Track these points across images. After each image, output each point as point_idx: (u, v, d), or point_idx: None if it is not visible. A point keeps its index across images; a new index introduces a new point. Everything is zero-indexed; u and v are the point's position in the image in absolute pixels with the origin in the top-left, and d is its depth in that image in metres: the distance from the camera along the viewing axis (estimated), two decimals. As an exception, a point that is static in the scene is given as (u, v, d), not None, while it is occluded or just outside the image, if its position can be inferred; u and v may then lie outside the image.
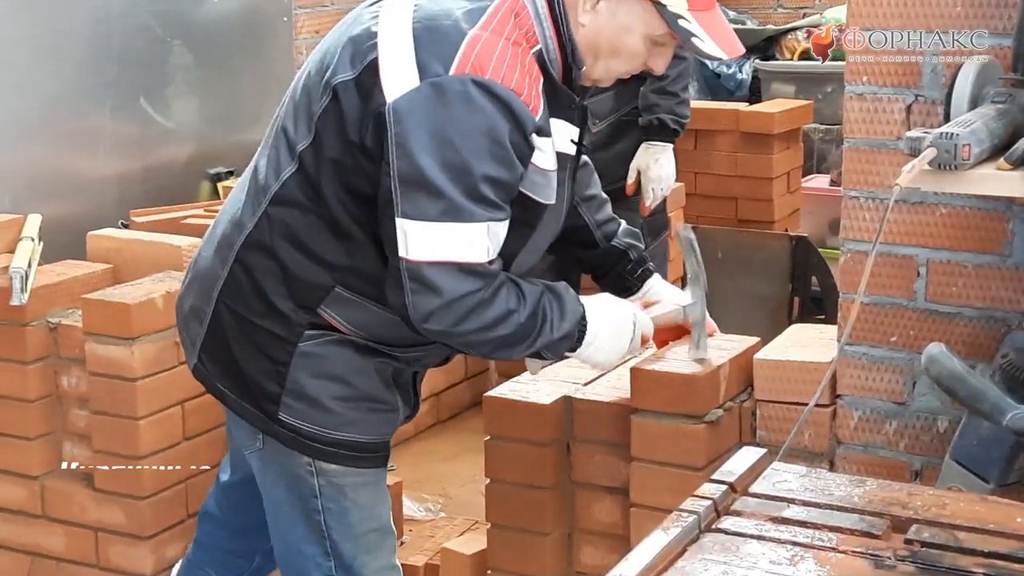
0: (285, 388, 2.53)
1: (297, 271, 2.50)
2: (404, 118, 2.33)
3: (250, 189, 2.58)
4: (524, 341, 2.49)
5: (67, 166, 4.18)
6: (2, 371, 3.63)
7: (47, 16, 4.06)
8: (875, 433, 2.69)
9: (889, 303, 2.64)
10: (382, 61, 2.37)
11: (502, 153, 2.35)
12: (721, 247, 5.30)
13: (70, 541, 3.62)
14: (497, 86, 2.33)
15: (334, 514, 2.61)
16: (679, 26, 2.42)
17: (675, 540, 1.75)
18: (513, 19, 2.40)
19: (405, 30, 2.38)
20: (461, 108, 2.32)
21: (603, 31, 2.45)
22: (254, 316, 2.54)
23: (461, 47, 2.33)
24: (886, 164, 2.58)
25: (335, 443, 2.56)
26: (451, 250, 2.35)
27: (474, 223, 2.35)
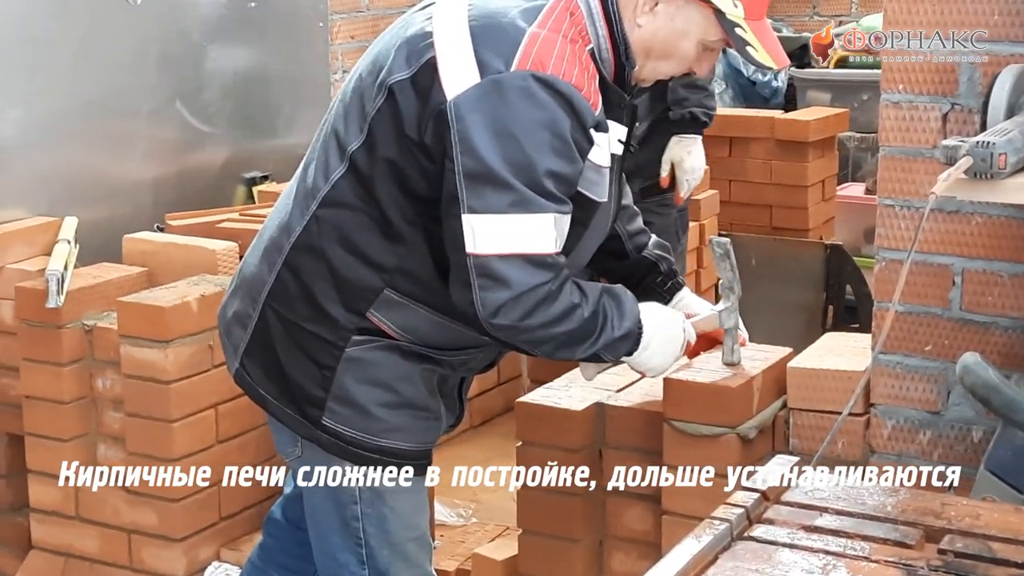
0: (330, 393, 2.54)
1: (347, 273, 2.51)
2: (466, 115, 2.35)
3: (298, 194, 2.59)
4: (587, 339, 2.49)
5: (103, 170, 4.21)
6: (37, 373, 3.65)
7: (85, 21, 4.09)
8: (909, 442, 2.68)
9: (924, 312, 2.63)
10: (440, 59, 2.39)
11: (564, 148, 2.37)
12: (755, 255, 5.29)
13: (103, 542, 3.64)
14: (559, 81, 2.35)
15: (372, 521, 2.61)
16: (736, 34, 2.46)
17: (707, 548, 1.75)
18: (569, 17, 2.42)
19: (462, 28, 2.40)
20: (523, 103, 2.34)
21: (659, 33, 2.48)
22: (301, 320, 2.55)
23: (522, 43, 2.36)
24: (922, 173, 2.57)
25: (376, 449, 2.56)
26: (520, 242, 2.36)
27: (542, 214, 2.37)
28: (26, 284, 3.67)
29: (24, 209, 3.94)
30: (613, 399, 2.92)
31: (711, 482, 2.72)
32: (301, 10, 4.84)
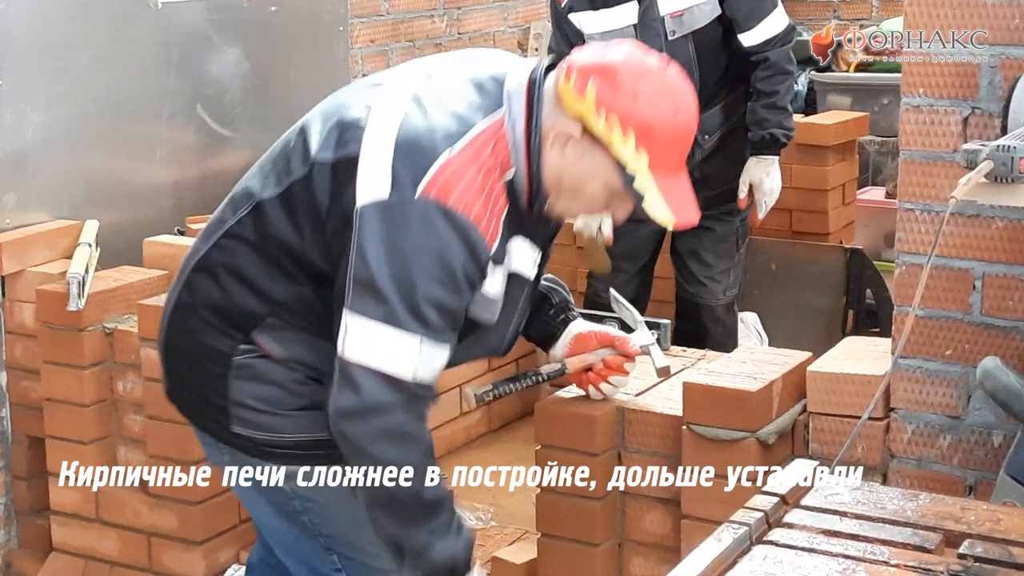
0: (229, 400, 2.62)
1: (235, 299, 2.61)
2: (367, 224, 2.42)
3: (211, 220, 2.70)
4: (403, 519, 2.49)
5: (124, 173, 4.22)
6: (59, 375, 3.67)
7: (106, 25, 4.10)
8: (929, 447, 2.67)
9: (944, 316, 2.62)
10: (362, 161, 2.46)
11: (450, 279, 2.42)
12: (775, 259, 5.28)
13: (123, 545, 3.65)
14: (457, 215, 2.41)
15: (315, 512, 2.68)
16: (633, 188, 2.48)
17: (726, 551, 1.75)
18: (492, 146, 2.48)
19: (390, 136, 2.46)
20: (419, 228, 2.41)
21: (567, 173, 2.52)
22: (195, 333, 2.65)
23: (433, 168, 2.42)
24: (942, 177, 2.57)
25: (287, 445, 2.62)
26: (380, 356, 2.42)
27: (409, 333, 2.41)
28: (47, 287, 3.68)
29: (46, 212, 3.96)
30: (633, 403, 2.92)
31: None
32: (321, 14, 4.85)
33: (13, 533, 4.02)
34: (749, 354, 2.96)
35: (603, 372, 2.89)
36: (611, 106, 2.44)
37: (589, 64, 2.48)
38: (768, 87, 4.30)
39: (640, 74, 2.47)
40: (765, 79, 4.30)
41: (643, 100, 2.45)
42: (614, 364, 2.88)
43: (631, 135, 2.44)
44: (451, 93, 2.53)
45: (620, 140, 2.45)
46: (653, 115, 2.45)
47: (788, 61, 4.34)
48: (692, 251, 4.49)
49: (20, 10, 3.85)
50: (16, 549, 4.01)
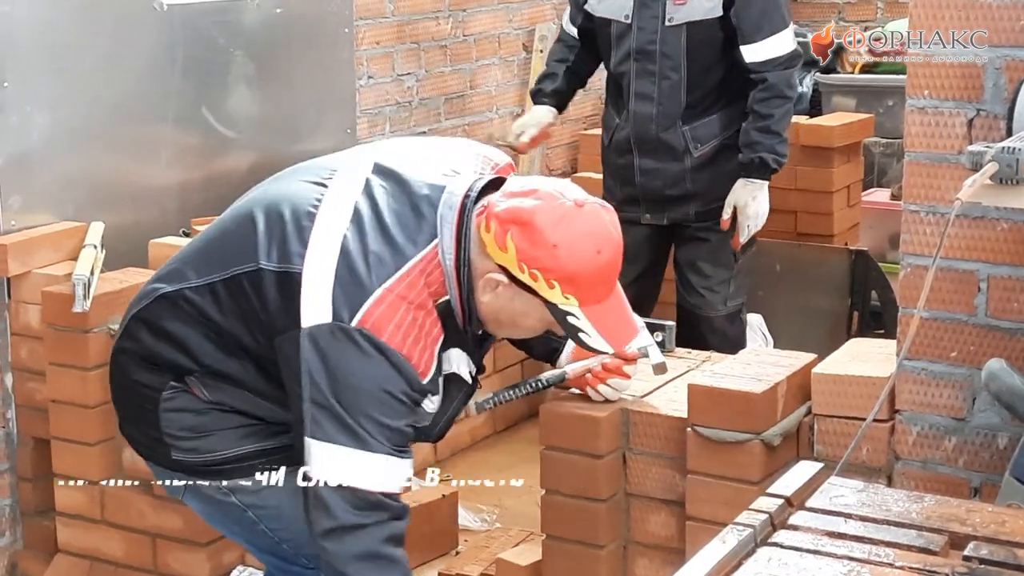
0: (163, 431, 2.73)
1: (167, 353, 2.72)
2: (312, 350, 2.49)
3: (159, 276, 2.79)
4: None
5: (129, 175, 4.22)
6: (64, 377, 3.67)
7: (111, 26, 4.10)
8: (934, 449, 2.67)
9: (949, 318, 2.62)
10: (305, 282, 2.53)
11: (395, 405, 2.51)
12: (780, 261, 5.28)
13: (128, 546, 3.66)
14: (389, 350, 2.48)
15: (270, 517, 2.77)
16: (567, 323, 2.54)
17: (731, 553, 1.75)
18: (423, 279, 2.53)
19: (331, 260, 2.52)
20: (358, 357, 2.48)
21: (503, 311, 2.59)
22: (129, 372, 2.78)
23: (368, 302, 2.48)
24: (947, 178, 2.57)
25: (226, 461, 2.73)
26: (350, 475, 2.49)
27: (373, 454, 2.49)
28: (53, 289, 3.68)
29: (51, 214, 3.96)
30: (638, 405, 2.93)
31: (735, 488, 2.72)
32: (326, 16, 4.85)
33: (18, 534, 4.02)
34: (754, 356, 2.96)
35: (601, 375, 2.91)
36: (532, 261, 2.49)
37: (506, 214, 2.50)
38: (763, 109, 4.23)
39: (556, 222, 2.49)
40: (761, 101, 4.23)
41: (563, 250, 2.48)
42: (613, 367, 2.90)
43: (556, 285, 2.49)
44: (389, 214, 2.57)
45: (547, 289, 2.50)
46: (575, 264, 2.49)
47: (788, 86, 4.26)
48: (690, 262, 4.47)
49: (24, 12, 3.85)
50: (21, 550, 4.01)
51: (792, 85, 4.28)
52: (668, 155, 4.34)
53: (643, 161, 4.37)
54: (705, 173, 4.32)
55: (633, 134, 4.36)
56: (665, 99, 4.30)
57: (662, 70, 4.27)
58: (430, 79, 5.68)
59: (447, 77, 5.76)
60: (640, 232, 4.45)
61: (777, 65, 4.21)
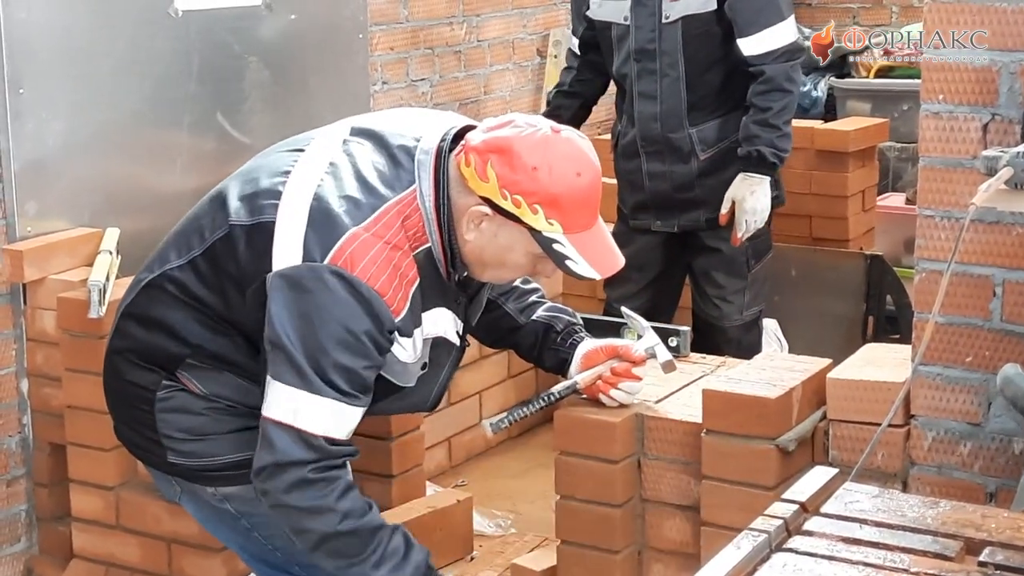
0: (159, 433, 2.74)
1: (157, 342, 2.72)
2: (278, 291, 2.52)
3: (142, 268, 2.82)
4: (344, 556, 2.58)
5: (145, 181, 4.23)
6: (79, 383, 3.68)
7: (127, 33, 4.11)
8: (949, 454, 2.67)
9: (964, 323, 2.61)
10: (278, 229, 2.56)
11: (356, 344, 2.51)
12: (795, 266, 5.28)
13: (144, 551, 3.66)
14: (361, 284, 2.49)
15: (263, 526, 2.77)
16: (553, 250, 2.57)
17: (746, 559, 1.75)
18: (400, 222, 2.55)
19: (304, 206, 2.55)
20: (325, 296, 2.49)
21: (487, 247, 2.61)
22: (123, 374, 2.78)
23: (340, 241, 2.50)
24: (962, 183, 2.56)
25: (223, 467, 2.73)
26: (295, 416, 2.51)
27: (321, 397, 2.51)
28: (68, 295, 3.69)
29: (67, 220, 3.97)
30: (652, 410, 2.92)
31: (750, 493, 2.72)
32: (341, 22, 4.86)
33: (34, 539, 4.03)
34: (769, 361, 2.96)
35: (611, 380, 2.91)
36: (513, 186, 2.52)
37: (484, 145, 2.55)
38: (762, 102, 4.19)
39: (534, 146, 2.53)
40: (760, 93, 4.19)
41: (543, 173, 2.52)
42: (621, 371, 2.91)
43: (539, 209, 2.52)
44: (364, 164, 2.61)
45: (530, 215, 2.53)
46: (555, 186, 2.53)
47: (787, 79, 4.21)
48: (704, 272, 4.45)
49: (41, 19, 3.87)
50: (37, 555, 4.02)
51: (792, 79, 4.24)
52: (674, 157, 4.33)
53: (650, 164, 4.36)
54: (713, 179, 4.30)
55: (639, 135, 4.36)
56: (667, 96, 4.29)
57: (662, 68, 4.27)
58: (444, 84, 5.69)
59: (461, 82, 5.76)
60: (652, 240, 4.44)
61: (776, 58, 4.18)
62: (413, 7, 5.36)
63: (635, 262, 4.43)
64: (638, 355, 2.91)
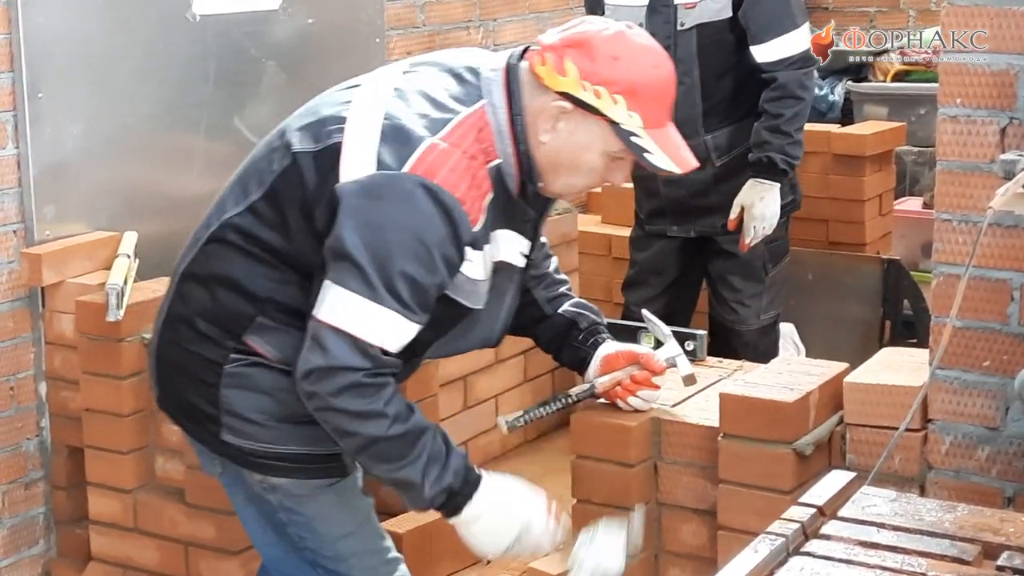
0: (220, 409, 2.65)
1: (223, 301, 2.64)
2: (349, 198, 2.47)
3: (199, 226, 2.75)
4: (391, 461, 2.54)
5: (163, 185, 4.24)
6: (97, 386, 3.69)
7: (144, 37, 4.13)
8: (967, 458, 2.66)
9: (982, 327, 2.61)
10: (346, 147, 2.52)
11: (427, 257, 2.47)
12: (812, 270, 5.27)
13: (161, 554, 3.67)
14: (442, 191, 2.45)
15: (300, 525, 2.72)
16: (632, 143, 2.56)
17: (763, 563, 1.74)
18: (475, 134, 2.53)
19: (374, 125, 2.52)
20: (401, 204, 2.45)
21: (563, 149, 2.58)
22: (185, 343, 2.69)
23: (418, 150, 2.47)
24: (979, 187, 2.56)
25: (277, 457, 2.66)
26: (353, 323, 2.46)
27: (383, 307, 2.46)
28: (86, 298, 3.71)
29: (85, 224, 3.99)
30: (669, 414, 2.92)
31: (767, 497, 2.71)
32: (357, 26, 4.87)
33: (52, 542, 4.04)
34: (786, 365, 2.96)
35: (631, 387, 2.90)
36: (594, 76, 2.51)
37: (560, 42, 2.55)
38: (774, 108, 4.20)
39: (612, 39, 2.54)
40: (772, 100, 4.21)
41: (623, 63, 2.53)
42: (641, 379, 2.89)
43: (620, 99, 2.51)
44: (431, 84, 2.59)
45: (611, 106, 2.52)
46: (635, 75, 2.53)
47: (800, 86, 4.22)
48: (721, 276, 4.45)
49: (60, 24, 3.88)
50: (55, 558, 4.04)
51: (805, 86, 4.24)
52: None
53: None
54: (729, 184, 4.29)
55: None
56: (682, 103, 4.27)
57: (678, 75, 4.25)
58: (461, 88, 5.68)
59: (478, 86, 5.76)
60: (669, 244, 4.44)
61: (788, 65, 4.20)
62: (430, 11, 5.37)
63: (652, 266, 4.43)
64: (659, 365, 2.90)
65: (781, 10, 4.20)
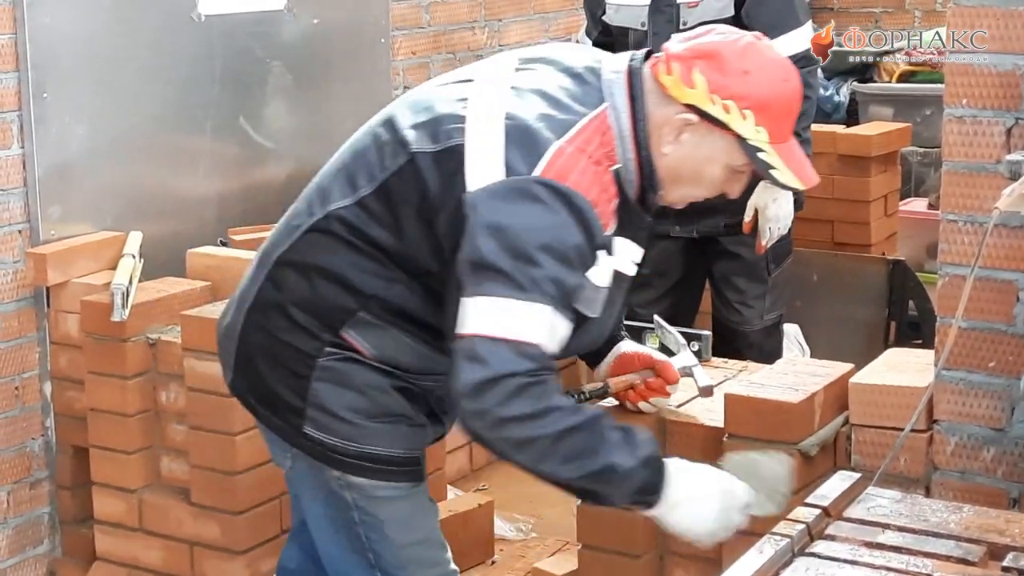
0: (308, 401, 2.58)
1: (324, 292, 2.57)
2: (482, 207, 2.40)
3: (294, 212, 2.66)
4: (576, 458, 2.42)
5: (168, 185, 4.25)
6: (102, 386, 3.69)
7: (150, 38, 4.13)
8: (972, 459, 2.66)
9: (987, 328, 2.61)
10: (469, 149, 2.45)
11: (567, 258, 2.40)
12: (817, 271, 5.26)
13: (167, 554, 3.67)
14: (576, 195, 2.40)
15: (371, 527, 2.65)
16: (759, 158, 2.50)
17: (768, 563, 1.74)
18: (599, 138, 2.47)
19: (497, 124, 2.45)
20: (537, 207, 2.39)
21: (686, 160, 2.53)
22: (278, 331, 2.61)
23: (548, 154, 2.41)
24: (985, 188, 2.55)
25: (360, 455, 2.60)
26: (508, 326, 2.37)
27: (535, 304, 2.37)
28: (91, 298, 3.71)
29: (90, 224, 3.99)
30: (674, 414, 2.92)
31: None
32: (363, 27, 4.87)
33: (57, 542, 4.05)
34: (791, 366, 2.96)
35: (644, 392, 2.88)
36: (724, 90, 2.46)
37: (688, 52, 2.49)
38: None
39: (742, 51, 2.49)
40: None
41: (753, 77, 2.47)
42: (655, 386, 2.87)
43: (749, 114, 2.46)
44: (548, 83, 2.52)
45: (739, 121, 2.46)
46: (765, 90, 2.48)
47: (804, 84, 4.20)
48: (724, 277, 4.45)
49: (65, 24, 3.88)
50: (60, 558, 4.04)
51: (809, 84, 4.21)
52: None
53: None
54: None
55: None
56: None
57: None
58: (466, 89, 5.69)
59: (483, 87, 5.77)
60: (672, 245, 4.44)
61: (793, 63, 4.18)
62: (435, 12, 5.37)
63: (655, 267, 4.43)
64: (675, 374, 2.88)
65: (785, 8, 4.20)
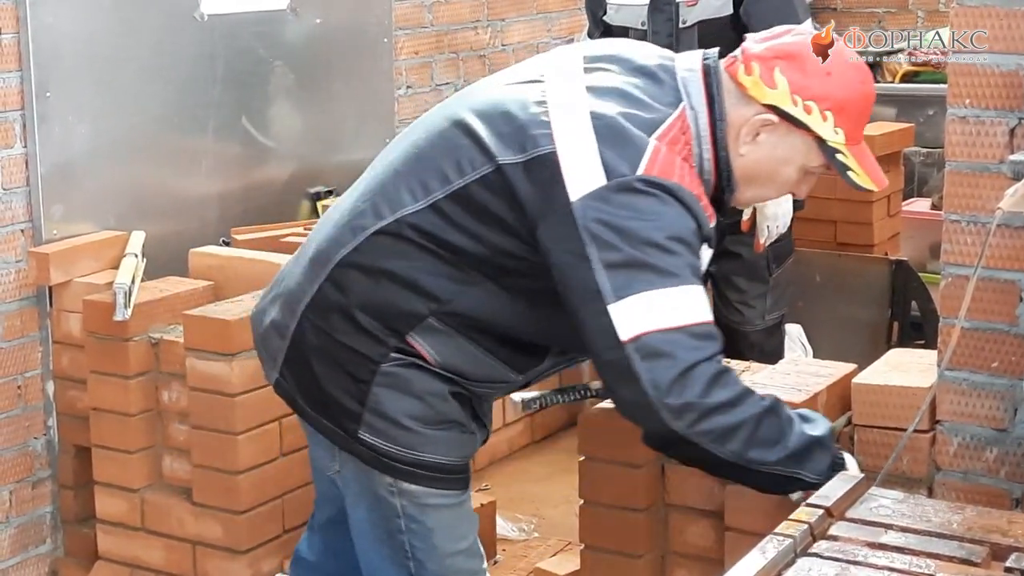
0: (366, 406, 2.53)
1: (393, 297, 2.51)
2: (594, 212, 2.36)
3: (354, 211, 2.58)
4: (775, 438, 2.39)
5: (170, 185, 4.25)
6: (104, 385, 3.69)
7: (152, 37, 4.13)
8: (975, 460, 2.65)
9: (990, 328, 2.60)
10: (563, 156, 2.41)
11: (690, 244, 2.39)
12: (819, 271, 5.26)
13: (169, 554, 3.67)
14: (682, 190, 2.40)
15: (417, 535, 2.61)
16: (837, 160, 2.52)
17: (771, 564, 1.74)
18: (682, 137, 2.46)
19: (585, 126, 2.42)
20: (652, 202, 2.37)
21: (762, 161, 2.53)
22: (338, 334, 2.54)
23: (647, 152, 2.39)
24: (988, 188, 2.55)
25: (415, 463, 2.56)
26: (676, 314, 2.34)
27: (686, 285, 2.36)
28: (94, 297, 3.71)
29: (92, 223, 3.99)
30: (676, 414, 2.91)
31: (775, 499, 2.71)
32: (366, 27, 4.87)
33: (59, 541, 4.05)
34: (793, 366, 2.95)
35: None
36: (805, 91, 2.47)
37: (768, 52, 2.50)
38: None
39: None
40: None
41: (834, 79, 2.49)
42: None
43: (829, 115, 2.48)
44: (623, 82, 2.51)
45: (820, 122, 2.47)
46: (845, 91, 2.50)
47: None
48: (725, 277, 4.44)
49: (67, 24, 3.89)
50: (62, 557, 4.04)
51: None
52: None
53: None
54: None
55: None
56: None
57: None
58: (469, 89, 5.69)
59: (486, 87, 5.77)
60: None
61: None
62: (438, 11, 5.37)
63: None
64: None
65: (783, 6, 4.19)
